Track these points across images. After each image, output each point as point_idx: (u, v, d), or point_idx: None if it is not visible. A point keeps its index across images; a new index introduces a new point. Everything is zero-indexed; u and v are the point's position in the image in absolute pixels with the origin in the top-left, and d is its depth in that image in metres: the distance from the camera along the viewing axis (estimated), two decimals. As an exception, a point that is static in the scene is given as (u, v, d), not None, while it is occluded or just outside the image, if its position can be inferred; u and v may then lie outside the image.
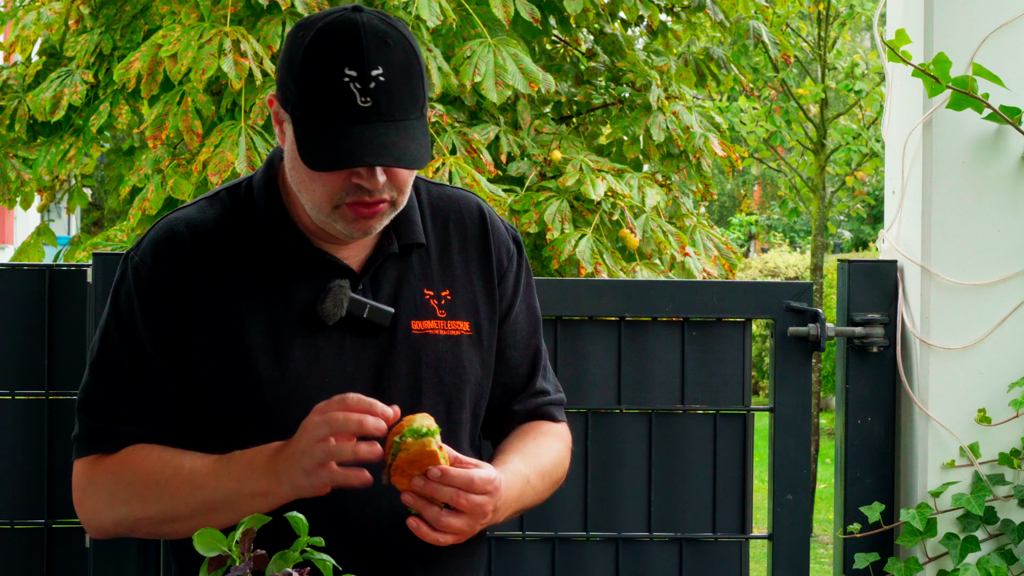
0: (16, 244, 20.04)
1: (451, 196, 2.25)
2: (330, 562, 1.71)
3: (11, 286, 2.81)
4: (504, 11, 4.68)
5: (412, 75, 2.01)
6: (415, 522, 2.02)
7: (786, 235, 25.37)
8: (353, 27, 2.00)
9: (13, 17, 5.37)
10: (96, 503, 2.16)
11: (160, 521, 2.11)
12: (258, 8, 4.65)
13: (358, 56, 1.97)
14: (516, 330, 2.27)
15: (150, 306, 2.12)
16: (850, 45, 14.55)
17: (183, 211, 2.17)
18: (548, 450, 2.26)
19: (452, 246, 2.21)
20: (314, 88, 1.99)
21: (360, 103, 1.97)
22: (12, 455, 2.81)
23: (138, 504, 2.11)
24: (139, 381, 2.12)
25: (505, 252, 2.25)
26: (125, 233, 4.80)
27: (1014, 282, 2.77)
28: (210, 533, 1.72)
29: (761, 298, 2.91)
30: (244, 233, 2.14)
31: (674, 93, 5.68)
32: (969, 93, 2.69)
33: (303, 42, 2.02)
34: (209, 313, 2.11)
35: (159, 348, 2.11)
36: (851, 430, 2.87)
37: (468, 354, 2.19)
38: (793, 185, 11.93)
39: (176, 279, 2.11)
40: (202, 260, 2.12)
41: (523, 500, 2.18)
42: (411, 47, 2.02)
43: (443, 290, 2.18)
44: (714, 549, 2.92)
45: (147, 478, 2.10)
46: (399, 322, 2.14)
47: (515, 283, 2.27)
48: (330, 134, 1.99)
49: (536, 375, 2.30)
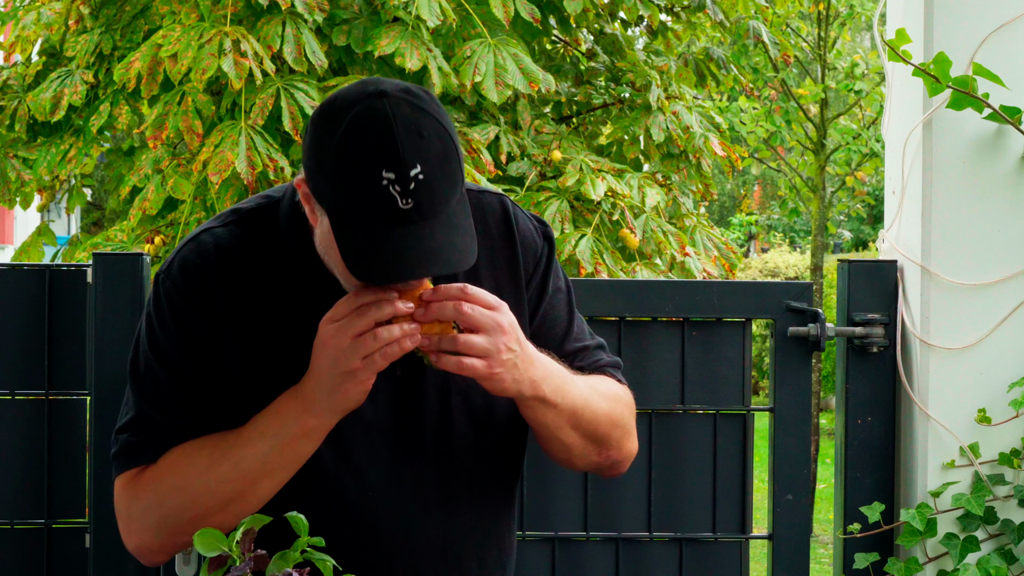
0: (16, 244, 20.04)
1: (475, 205, 2.11)
2: (330, 562, 1.71)
3: (11, 286, 2.81)
4: (504, 11, 4.68)
5: (449, 159, 1.92)
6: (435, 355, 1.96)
7: (786, 235, 25.38)
8: (385, 123, 1.89)
9: (13, 17, 5.37)
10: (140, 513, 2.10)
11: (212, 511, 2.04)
12: (258, 8, 4.64)
13: (394, 157, 1.87)
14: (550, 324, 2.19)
15: (186, 331, 2.07)
16: (850, 45, 14.55)
17: (212, 232, 2.11)
18: (601, 379, 2.18)
19: (480, 261, 2.11)
20: (351, 191, 1.90)
21: (401, 206, 1.88)
22: (12, 455, 2.81)
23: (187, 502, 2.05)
24: (181, 401, 2.08)
25: (532, 252, 2.18)
26: (125, 233, 4.80)
27: (1014, 282, 2.77)
28: (210, 533, 1.72)
29: (761, 298, 2.91)
30: (273, 261, 2.09)
31: (674, 93, 5.68)
32: (969, 93, 2.69)
33: (333, 138, 1.91)
34: (239, 339, 2.07)
35: (197, 371, 2.08)
36: (851, 430, 2.87)
37: None
38: (793, 185, 11.94)
39: (207, 303, 2.06)
40: (232, 284, 2.07)
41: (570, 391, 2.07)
42: (443, 128, 1.93)
43: None
44: (714, 549, 2.92)
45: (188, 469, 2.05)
46: None
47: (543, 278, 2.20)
48: (373, 241, 1.91)
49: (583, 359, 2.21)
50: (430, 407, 2.10)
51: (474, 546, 2.14)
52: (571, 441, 2.13)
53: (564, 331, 2.21)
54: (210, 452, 2.05)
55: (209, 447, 2.05)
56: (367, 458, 2.07)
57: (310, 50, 4.56)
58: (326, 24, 4.75)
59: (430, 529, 2.09)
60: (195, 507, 2.05)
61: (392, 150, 1.88)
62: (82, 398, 2.82)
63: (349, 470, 2.07)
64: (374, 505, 2.08)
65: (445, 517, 2.11)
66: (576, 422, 2.11)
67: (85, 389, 2.81)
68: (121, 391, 2.77)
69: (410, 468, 2.09)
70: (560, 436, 2.12)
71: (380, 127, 1.89)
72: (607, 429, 2.16)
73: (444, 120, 1.94)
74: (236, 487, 2.03)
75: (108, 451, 2.69)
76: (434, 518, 2.10)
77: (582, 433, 2.13)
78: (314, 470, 2.06)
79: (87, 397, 2.80)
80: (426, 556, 2.08)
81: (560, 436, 2.12)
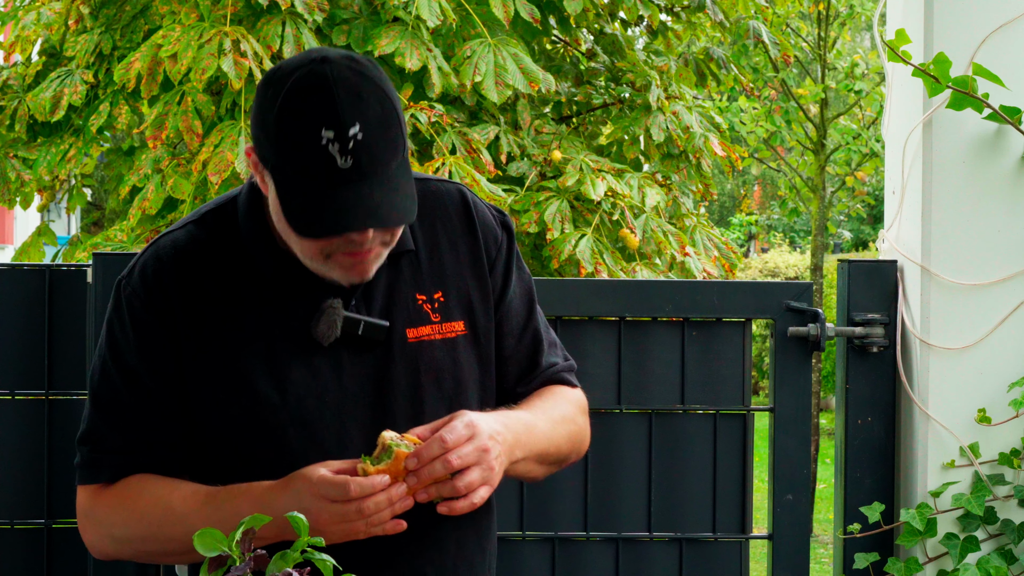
0: (16, 244, 20.04)
1: (435, 192, 2.20)
2: (330, 562, 1.71)
3: (11, 286, 2.82)
4: (504, 11, 4.68)
5: (390, 124, 1.96)
6: (444, 506, 2.01)
7: (786, 235, 25.37)
8: (324, 83, 1.93)
9: (13, 17, 5.37)
10: (97, 531, 2.16)
11: (156, 555, 2.16)
12: (258, 8, 4.65)
13: (333, 116, 1.92)
14: (511, 315, 2.23)
15: (145, 337, 2.10)
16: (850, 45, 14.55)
17: (171, 236, 2.13)
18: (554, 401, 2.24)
19: (441, 244, 2.18)
20: (291, 152, 1.94)
21: (340, 165, 1.92)
22: (12, 455, 2.81)
23: (134, 540, 2.13)
24: (138, 411, 2.11)
25: (493, 240, 2.22)
26: (125, 233, 4.80)
27: (1014, 282, 2.77)
28: (210, 533, 1.72)
29: (761, 298, 2.91)
30: (233, 257, 2.11)
31: (674, 93, 5.68)
32: (969, 93, 2.69)
33: (274, 101, 1.95)
34: (204, 340, 2.08)
35: (157, 378, 2.10)
36: (851, 430, 2.87)
37: (465, 355, 2.17)
38: (793, 185, 11.93)
39: (168, 309, 2.08)
40: (193, 287, 2.09)
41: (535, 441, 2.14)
42: (385, 93, 1.97)
43: (435, 292, 2.16)
44: (714, 549, 2.92)
45: (140, 516, 2.10)
46: (394, 332, 2.12)
47: (505, 268, 2.23)
48: (313, 199, 1.94)
49: (539, 355, 2.27)
50: (400, 389, 2.12)
51: (451, 528, 2.15)
52: (536, 474, 2.23)
53: (522, 325, 2.25)
54: (164, 510, 2.08)
55: (163, 505, 2.08)
56: (337, 443, 2.09)
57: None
58: (326, 24, 4.75)
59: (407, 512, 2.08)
60: (144, 545, 2.13)
61: (332, 110, 1.92)
62: (82, 398, 2.82)
63: (318, 455, 2.07)
64: None
65: None
66: (541, 459, 2.19)
67: (85, 389, 2.81)
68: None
69: None
70: (526, 474, 2.21)
71: (320, 88, 1.93)
72: (567, 452, 2.25)
73: (386, 87, 1.98)
74: (181, 547, 2.05)
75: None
76: None
77: (547, 464, 2.22)
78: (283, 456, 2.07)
79: (87, 397, 2.80)
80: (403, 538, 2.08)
81: (526, 474, 2.21)
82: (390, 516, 1.99)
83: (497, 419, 2.09)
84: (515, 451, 2.10)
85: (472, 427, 2.02)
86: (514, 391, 2.24)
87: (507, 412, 2.14)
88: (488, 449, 2.02)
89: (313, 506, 1.97)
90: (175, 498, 2.08)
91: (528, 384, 2.25)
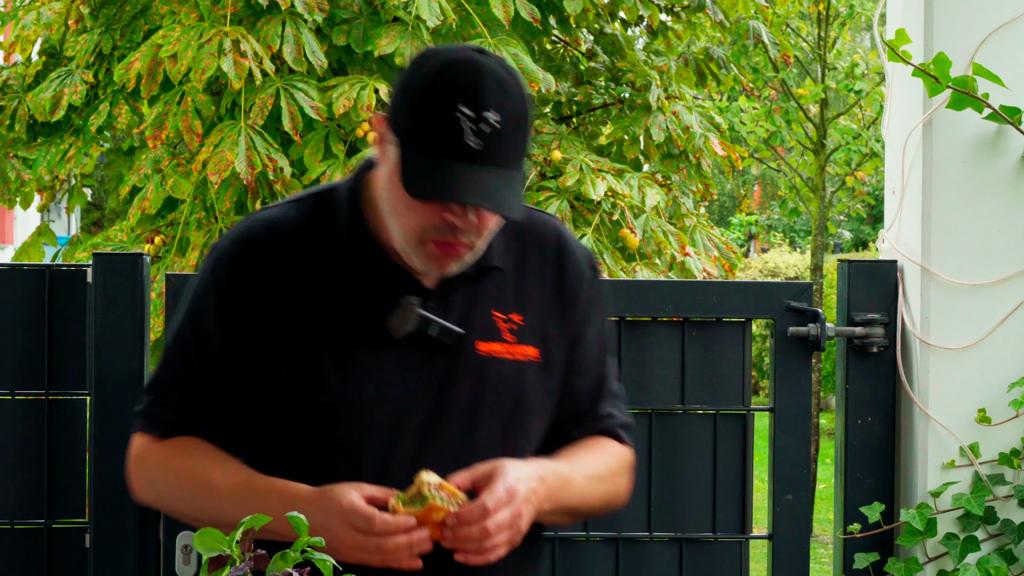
0: (16, 244, 20.04)
1: (532, 220, 2.24)
2: (330, 562, 1.71)
3: (11, 286, 2.82)
4: (504, 11, 4.67)
5: (523, 128, 2.03)
6: (462, 556, 2.04)
7: (786, 235, 25.37)
8: (476, 68, 2.00)
9: (13, 17, 5.36)
10: (142, 480, 2.21)
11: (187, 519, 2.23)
12: (258, 8, 4.64)
13: (476, 96, 1.98)
14: (584, 356, 2.24)
15: (224, 305, 2.15)
16: (850, 45, 14.55)
17: (268, 211, 2.20)
18: (599, 457, 2.25)
19: (529, 271, 2.20)
20: (427, 119, 2.00)
21: (469, 142, 1.97)
22: (12, 455, 2.81)
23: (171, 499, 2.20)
24: (203, 375, 2.16)
25: (579, 278, 2.24)
26: (125, 233, 4.80)
27: (1014, 282, 2.77)
28: (210, 533, 1.72)
29: (761, 298, 2.91)
30: (323, 240, 2.16)
31: (674, 93, 5.67)
32: (969, 93, 2.69)
33: (423, 72, 2.02)
34: (280, 316, 2.13)
35: (228, 347, 2.14)
36: (851, 430, 2.87)
37: (533, 381, 2.18)
38: (793, 185, 11.93)
39: (250, 281, 2.14)
40: (278, 264, 2.14)
41: (568, 497, 2.17)
42: (526, 101, 2.04)
43: (514, 314, 2.18)
44: (714, 549, 2.92)
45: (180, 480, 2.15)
46: (466, 342, 2.14)
47: (588, 308, 2.25)
48: (435, 166, 1.99)
49: (600, 401, 2.27)
50: (461, 397, 2.14)
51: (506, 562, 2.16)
52: (562, 522, 2.26)
53: (592, 367, 2.26)
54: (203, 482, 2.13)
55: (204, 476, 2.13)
56: (389, 435, 2.12)
57: (310, 50, 4.56)
58: (326, 24, 4.74)
59: None
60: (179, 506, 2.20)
61: (475, 91, 1.98)
62: (82, 398, 2.82)
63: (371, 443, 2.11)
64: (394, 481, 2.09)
65: None
66: (570, 513, 2.22)
67: (85, 389, 2.81)
68: (121, 391, 2.79)
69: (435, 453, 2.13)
70: (552, 523, 2.24)
71: (471, 69, 2.00)
72: (597, 509, 2.28)
73: (527, 102, 2.04)
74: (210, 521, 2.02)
75: (108, 451, 2.72)
76: None
77: (574, 517, 2.27)
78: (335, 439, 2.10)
79: (87, 397, 2.80)
80: None
81: (552, 523, 2.24)
82: (407, 556, 2.02)
83: (535, 473, 2.10)
84: (544, 504, 2.12)
85: (512, 493, 2.04)
86: (568, 432, 2.25)
87: (548, 464, 2.15)
88: (521, 515, 2.05)
89: (336, 527, 2.01)
90: (216, 474, 2.13)
91: (582, 427, 2.26)
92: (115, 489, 2.75)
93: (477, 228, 2.06)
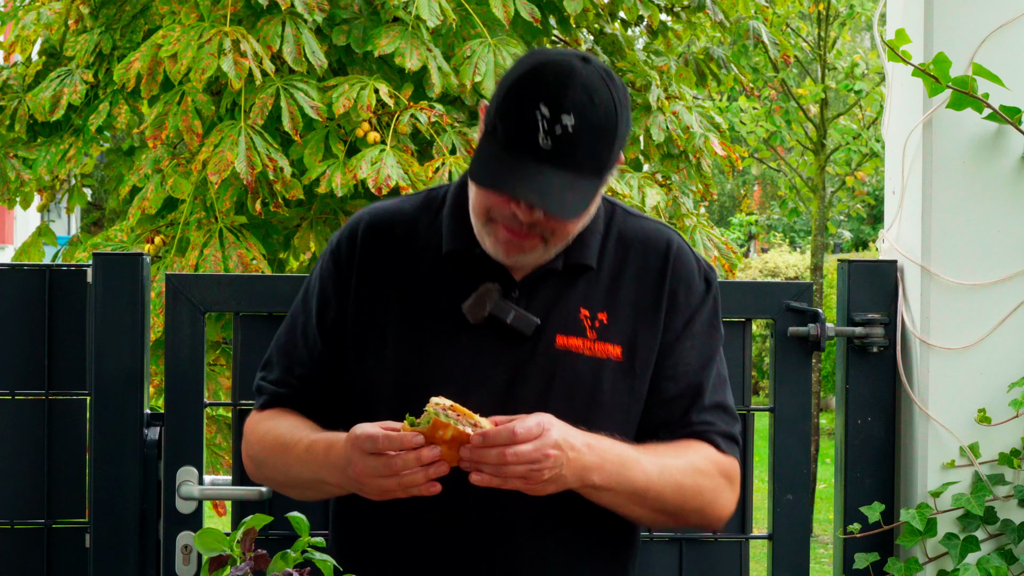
0: (16, 244, 20.04)
1: (644, 227, 2.25)
2: (330, 562, 1.71)
3: (11, 286, 2.82)
4: (504, 11, 4.67)
5: (603, 136, 2.04)
6: (477, 476, 2.01)
7: (786, 235, 25.36)
8: (568, 71, 2.03)
9: (13, 17, 5.36)
10: (245, 450, 2.30)
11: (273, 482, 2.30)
12: (258, 8, 4.64)
13: (557, 98, 2.01)
14: (679, 363, 2.21)
15: (326, 284, 2.24)
16: (850, 45, 14.54)
17: (382, 203, 2.30)
18: (683, 451, 2.19)
19: (626, 273, 2.21)
20: (508, 112, 2.04)
21: (539, 140, 2.01)
22: (12, 455, 2.81)
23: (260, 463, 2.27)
24: (304, 350, 2.24)
25: (684, 286, 2.22)
26: (125, 233, 4.80)
27: (1014, 282, 2.77)
28: (210, 533, 1.72)
29: (761, 298, 2.91)
30: (427, 229, 2.22)
31: (674, 93, 5.68)
32: (969, 93, 2.69)
33: (521, 67, 2.07)
34: (369, 298, 2.20)
35: (329, 320, 2.22)
36: (851, 430, 2.87)
37: (612, 379, 2.17)
38: (793, 185, 11.93)
39: (355, 259, 2.22)
40: (381, 247, 2.22)
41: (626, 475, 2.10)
42: (615, 112, 2.04)
43: (601, 312, 2.18)
44: (714, 549, 2.92)
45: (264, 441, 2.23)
46: (544, 333, 2.15)
47: (692, 315, 2.22)
48: (500, 155, 2.04)
49: (693, 410, 2.22)
50: (531, 387, 2.14)
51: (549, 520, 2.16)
52: (638, 515, 2.19)
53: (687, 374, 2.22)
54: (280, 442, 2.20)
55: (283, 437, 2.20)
56: None
57: (310, 50, 4.56)
58: (326, 24, 4.75)
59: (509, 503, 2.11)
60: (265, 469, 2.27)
61: (558, 93, 2.01)
62: (82, 398, 2.82)
63: None
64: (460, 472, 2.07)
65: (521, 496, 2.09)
66: (640, 501, 2.14)
67: (85, 389, 2.81)
68: (121, 391, 2.79)
69: None
70: (624, 512, 2.17)
71: (562, 73, 2.03)
72: (679, 503, 2.17)
73: (621, 110, 2.06)
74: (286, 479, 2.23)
75: (108, 451, 2.72)
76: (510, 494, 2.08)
77: (649, 508, 2.16)
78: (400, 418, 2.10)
79: (87, 397, 2.80)
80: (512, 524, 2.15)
81: (624, 512, 2.17)
82: (424, 478, 2.00)
83: (583, 437, 2.07)
84: (592, 475, 2.06)
85: (543, 428, 2.01)
86: (655, 436, 2.20)
87: (604, 439, 2.10)
88: (548, 455, 2.00)
89: (353, 457, 2.03)
90: (291, 436, 2.20)
91: (671, 433, 2.21)
92: (115, 489, 2.76)
93: (545, 225, 2.07)
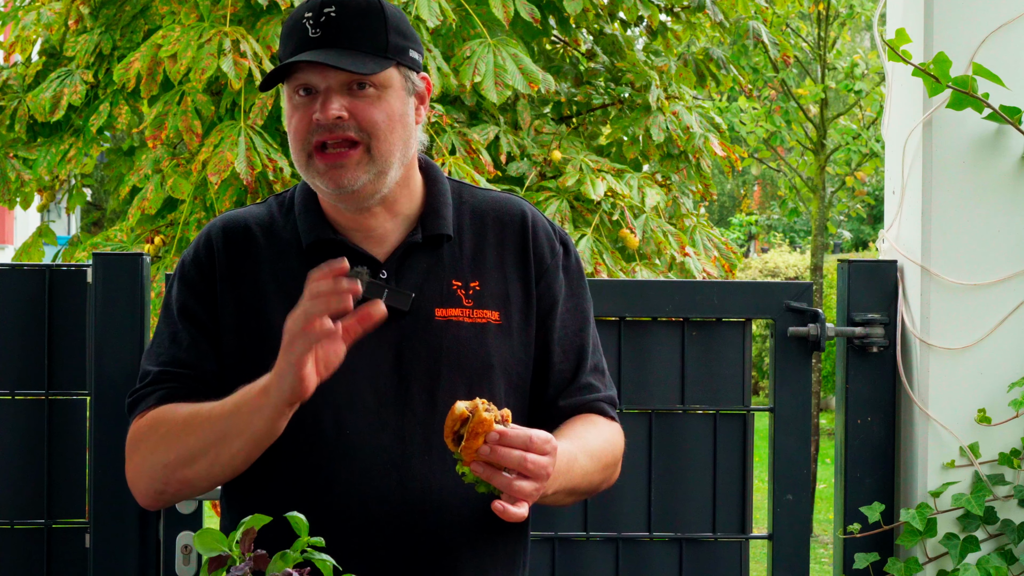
0: (16, 244, 20.04)
1: (495, 198, 2.32)
2: (330, 562, 1.71)
3: (11, 286, 2.82)
4: (504, 11, 4.67)
5: (369, 17, 2.15)
6: (501, 504, 2.04)
7: (786, 235, 25.37)
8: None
9: (13, 17, 5.36)
10: (133, 461, 2.21)
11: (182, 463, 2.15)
12: (258, 8, 4.65)
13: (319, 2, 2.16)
14: (560, 327, 2.29)
15: (184, 288, 2.24)
16: (850, 45, 14.54)
17: (232, 210, 2.33)
18: (595, 434, 2.27)
19: (488, 242, 2.27)
20: (284, 32, 2.19)
21: (310, 34, 2.14)
22: (12, 455, 2.81)
23: (162, 449, 2.16)
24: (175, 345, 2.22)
25: (548, 251, 2.29)
26: (125, 233, 4.80)
27: (1014, 282, 2.77)
28: (210, 533, 1.72)
29: (761, 298, 2.91)
30: (282, 229, 2.26)
31: (674, 93, 5.68)
32: (969, 93, 2.69)
33: None
34: (239, 299, 2.21)
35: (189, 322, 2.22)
36: (851, 430, 2.87)
37: (495, 341, 2.22)
38: (793, 185, 11.94)
39: (210, 267, 2.23)
40: (237, 252, 2.24)
41: (572, 476, 2.18)
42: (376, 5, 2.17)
43: (472, 282, 2.24)
44: (714, 549, 2.92)
45: (169, 425, 2.17)
46: (422, 309, 2.20)
47: (557, 279, 2.29)
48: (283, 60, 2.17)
49: (582, 371, 2.31)
50: (419, 360, 2.19)
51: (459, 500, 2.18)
52: (564, 503, 2.28)
53: (570, 339, 2.30)
54: (190, 410, 2.15)
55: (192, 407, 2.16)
56: (348, 398, 2.16)
57: (310, 50, 4.56)
58: (326, 24, 4.74)
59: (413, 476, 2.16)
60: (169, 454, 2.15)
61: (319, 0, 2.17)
62: (82, 398, 2.82)
63: (328, 408, 2.15)
64: (351, 447, 2.15)
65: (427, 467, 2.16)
66: (572, 493, 2.23)
67: (85, 389, 2.81)
68: (121, 391, 2.79)
69: (395, 415, 2.17)
70: (555, 504, 2.24)
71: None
72: (597, 487, 2.29)
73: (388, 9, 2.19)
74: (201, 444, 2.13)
75: (108, 451, 2.73)
76: (416, 466, 2.16)
77: (575, 496, 2.26)
78: None
79: (87, 397, 2.80)
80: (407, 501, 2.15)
81: (555, 504, 2.24)
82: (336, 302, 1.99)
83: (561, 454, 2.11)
84: (553, 484, 2.12)
85: (553, 450, 2.05)
86: (555, 403, 2.28)
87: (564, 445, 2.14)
88: (549, 475, 2.06)
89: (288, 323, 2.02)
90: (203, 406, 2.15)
91: (568, 399, 2.29)
92: (115, 489, 2.76)
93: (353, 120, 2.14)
